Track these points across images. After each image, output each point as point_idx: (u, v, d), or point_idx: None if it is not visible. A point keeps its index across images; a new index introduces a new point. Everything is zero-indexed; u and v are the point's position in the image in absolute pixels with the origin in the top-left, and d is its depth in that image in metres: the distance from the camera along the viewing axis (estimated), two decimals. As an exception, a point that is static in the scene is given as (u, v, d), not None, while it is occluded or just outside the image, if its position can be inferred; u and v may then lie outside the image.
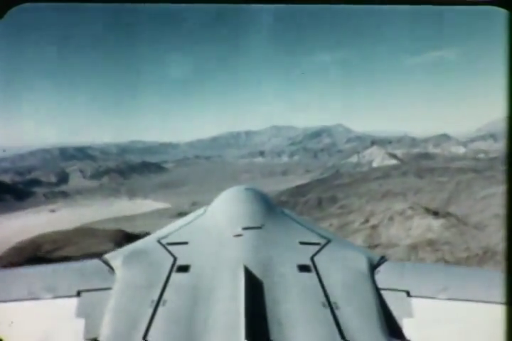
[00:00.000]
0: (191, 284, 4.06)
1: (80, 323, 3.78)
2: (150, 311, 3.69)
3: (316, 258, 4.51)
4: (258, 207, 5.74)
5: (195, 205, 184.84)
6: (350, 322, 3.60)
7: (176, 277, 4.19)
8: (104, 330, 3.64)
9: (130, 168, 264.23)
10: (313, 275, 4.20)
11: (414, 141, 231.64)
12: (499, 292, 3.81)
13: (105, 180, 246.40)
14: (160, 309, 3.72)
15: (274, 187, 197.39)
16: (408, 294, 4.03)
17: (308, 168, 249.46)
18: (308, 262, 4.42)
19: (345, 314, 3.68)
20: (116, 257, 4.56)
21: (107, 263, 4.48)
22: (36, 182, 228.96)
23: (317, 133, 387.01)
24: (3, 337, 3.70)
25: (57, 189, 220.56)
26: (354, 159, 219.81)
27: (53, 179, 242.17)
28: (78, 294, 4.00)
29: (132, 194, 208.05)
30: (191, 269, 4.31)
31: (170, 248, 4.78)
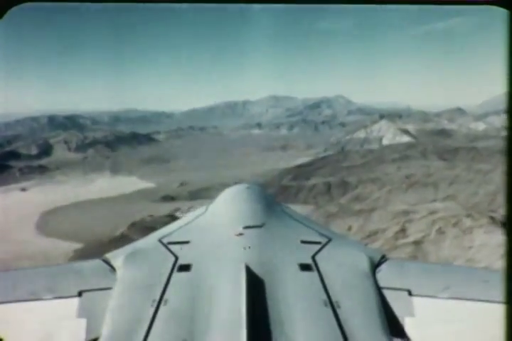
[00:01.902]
0: (193, 283, 3.97)
1: (82, 323, 3.73)
2: (151, 311, 3.62)
3: (317, 257, 4.40)
4: (259, 205, 5.60)
5: (182, 186, 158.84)
6: (352, 321, 3.54)
7: (178, 276, 4.10)
8: (106, 330, 3.58)
9: (118, 140, 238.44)
10: (314, 274, 4.11)
11: (426, 116, 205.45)
12: (499, 291, 3.76)
13: (91, 152, 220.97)
14: (161, 308, 3.65)
15: (272, 165, 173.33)
16: (409, 293, 3.95)
17: (309, 142, 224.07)
18: (309, 261, 4.32)
19: (346, 313, 3.61)
20: (117, 257, 4.47)
21: (107, 262, 4.41)
22: (15, 155, 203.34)
23: (317, 105, 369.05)
24: (4, 337, 3.62)
25: (36, 163, 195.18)
26: (361, 134, 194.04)
27: (34, 151, 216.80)
28: (79, 294, 3.95)
29: (116, 169, 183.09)
30: (193, 268, 4.20)
31: (171, 247, 4.66)
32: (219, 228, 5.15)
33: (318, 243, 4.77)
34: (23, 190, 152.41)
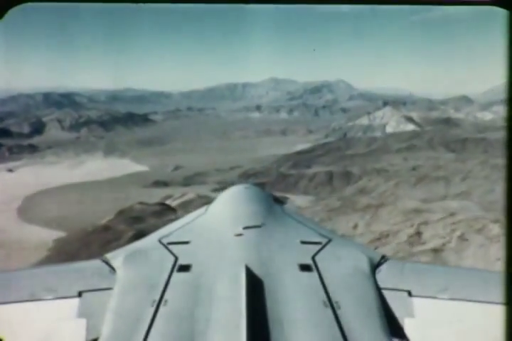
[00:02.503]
0: (192, 284, 3.95)
1: (81, 323, 3.71)
2: (151, 311, 3.60)
3: (317, 258, 4.38)
4: (259, 206, 5.61)
5: (177, 170, 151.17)
6: (352, 321, 3.53)
7: (177, 277, 4.08)
8: (105, 330, 3.57)
9: (114, 119, 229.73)
10: (314, 274, 4.09)
11: (431, 103, 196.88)
12: (499, 292, 3.76)
13: (84, 132, 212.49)
14: (161, 309, 3.63)
15: (271, 150, 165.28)
16: (409, 294, 3.93)
17: (309, 127, 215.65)
18: (309, 261, 4.30)
19: (346, 313, 3.60)
20: (117, 257, 4.45)
21: (107, 263, 4.38)
22: (5, 133, 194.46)
23: (318, 89, 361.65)
24: (4, 337, 3.64)
25: (27, 142, 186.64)
26: (364, 121, 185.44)
27: (26, 129, 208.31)
28: (79, 294, 3.93)
29: (109, 151, 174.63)
30: (192, 269, 4.18)
31: (171, 247, 4.64)
32: (219, 228, 5.09)
33: (318, 243, 4.70)
34: (10, 170, 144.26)
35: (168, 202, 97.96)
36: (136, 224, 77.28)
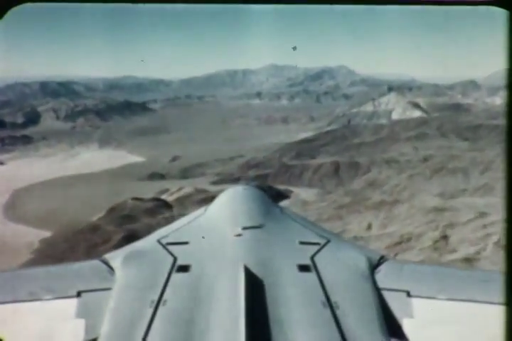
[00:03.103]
0: (191, 284, 3.94)
1: (80, 324, 3.70)
2: (150, 311, 3.59)
3: (316, 258, 4.36)
4: (258, 206, 5.57)
5: (174, 161, 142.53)
6: (351, 322, 3.52)
7: (176, 277, 4.05)
8: (105, 330, 3.55)
9: (111, 108, 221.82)
10: (313, 275, 4.07)
11: (437, 89, 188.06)
12: (498, 293, 3.74)
13: (80, 121, 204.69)
14: (160, 309, 3.62)
15: (273, 138, 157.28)
16: (408, 294, 3.90)
17: (311, 114, 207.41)
18: (308, 262, 4.28)
19: (345, 314, 3.59)
20: (115, 257, 4.41)
21: (106, 263, 4.34)
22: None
23: (319, 75, 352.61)
24: (4, 337, 3.61)
25: (21, 132, 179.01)
26: (369, 107, 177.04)
27: (20, 120, 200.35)
28: (78, 295, 3.90)
29: (105, 141, 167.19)
30: (191, 269, 4.16)
31: (170, 248, 4.60)
32: (218, 229, 5.06)
33: (317, 244, 4.68)
34: (1, 163, 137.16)
35: (164, 196, 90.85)
36: (128, 223, 70.24)
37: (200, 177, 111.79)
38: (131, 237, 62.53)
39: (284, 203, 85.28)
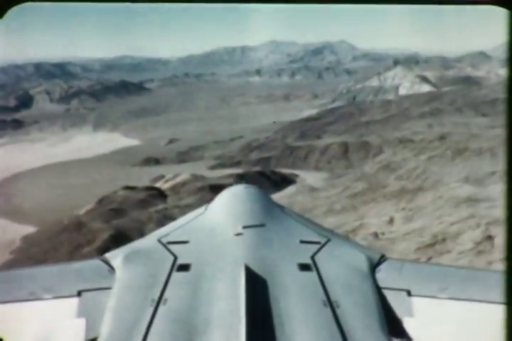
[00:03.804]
0: (192, 283, 3.90)
1: (81, 323, 3.67)
2: (150, 310, 3.56)
3: (316, 257, 4.32)
4: (258, 205, 5.47)
5: (171, 144, 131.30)
6: (351, 320, 3.50)
7: (177, 276, 4.01)
8: (105, 330, 3.51)
9: (106, 89, 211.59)
10: (313, 274, 4.05)
11: (445, 61, 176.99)
12: (499, 292, 3.72)
13: (74, 103, 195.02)
14: (160, 308, 3.59)
15: (275, 117, 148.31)
16: (409, 293, 3.90)
17: (314, 91, 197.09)
18: (308, 261, 4.25)
19: (345, 313, 3.57)
20: (116, 257, 4.37)
21: (107, 262, 4.32)
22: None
23: (319, 50, 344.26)
24: (4, 337, 3.58)
25: (13, 116, 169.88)
26: (374, 82, 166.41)
27: (12, 103, 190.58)
28: (79, 294, 3.87)
29: (100, 123, 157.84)
30: (192, 268, 4.12)
31: (170, 247, 4.56)
32: (218, 228, 4.98)
33: (318, 243, 4.63)
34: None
35: (158, 184, 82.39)
36: (117, 218, 61.97)
37: (197, 161, 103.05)
38: (118, 236, 54.68)
39: (289, 190, 76.85)
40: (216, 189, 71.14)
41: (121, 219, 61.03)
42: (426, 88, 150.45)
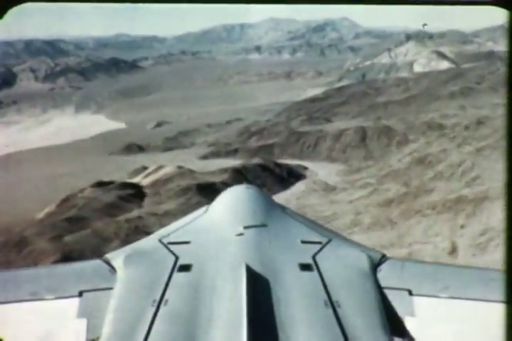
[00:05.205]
0: (193, 283, 3.87)
1: (82, 323, 3.65)
2: (152, 311, 3.54)
3: (317, 257, 4.29)
4: (259, 206, 5.43)
5: (159, 127, 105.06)
6: (352, 320, 3.48)
7: (178, 276, 3.99)
8: (106, 330, 3.50)
9: (96, 67, 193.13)
10: (314, 274, 4.03)
11: (463, 36, 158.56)
12: (499, 291, 3.70)
13: (60, 82, 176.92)
14: (162, 308, 3.57)
15: (276, 97, 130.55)
16: (410, 293, 3.87)
17: (318, 68, 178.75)
18: (309, 261, 4.22)
19: (347, 312, 3.55)
20: (117, 257, 4.33)
21: (108, 263, 4.28)
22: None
23: (321, 27, 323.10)
24: (4, 337, 3.54)
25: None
26: (384, 59, 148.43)
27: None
28: (80, 294, 3.84)
29: (84, 104, 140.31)
30: (193, 268, 4.08)
31: (171, 247, 4.52)
32: (219, 228, 4.92)
33: (319, 243, 4.58)
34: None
35: (137, 179, 66.03)
36: (72, 231, 45.89)
37: (186, 149, 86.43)
38: (64, 261, 39.20)
39: (298, 187, 60.62)
40: (205, 190, 54.42)
41: (78, 233, 44.93)
42: (444, 65, 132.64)
